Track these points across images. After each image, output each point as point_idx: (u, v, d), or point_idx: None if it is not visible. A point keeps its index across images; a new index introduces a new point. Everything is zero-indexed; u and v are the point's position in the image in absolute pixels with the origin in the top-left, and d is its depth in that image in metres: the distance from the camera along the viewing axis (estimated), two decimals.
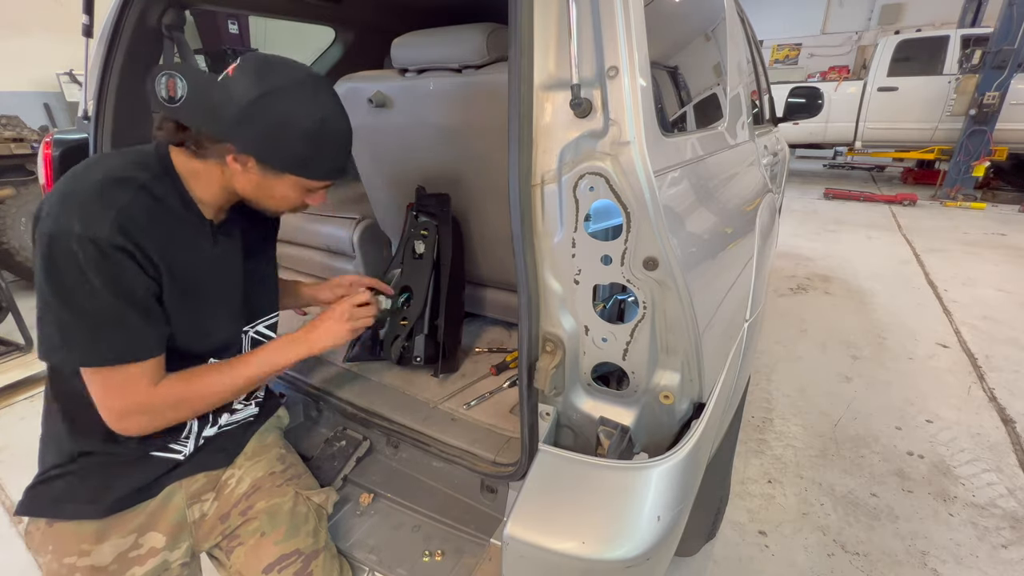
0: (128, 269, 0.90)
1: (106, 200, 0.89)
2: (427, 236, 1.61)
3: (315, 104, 0.96)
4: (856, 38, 13.04)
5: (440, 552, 1.23)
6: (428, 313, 1.59)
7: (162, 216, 0.96)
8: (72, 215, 0.86)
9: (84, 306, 0.87)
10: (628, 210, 0.84)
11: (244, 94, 0.91)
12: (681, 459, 0.93)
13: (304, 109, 0.95)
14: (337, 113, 1.01)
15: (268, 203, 1.08)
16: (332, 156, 1.03)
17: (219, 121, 0.93)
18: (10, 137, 4.30)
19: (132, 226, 0.90)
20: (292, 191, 1.05)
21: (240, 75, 0.93)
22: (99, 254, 0.86)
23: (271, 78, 0.92)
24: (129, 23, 1.75)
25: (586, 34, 0.84)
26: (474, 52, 1.34)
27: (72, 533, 1.04)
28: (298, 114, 0.94)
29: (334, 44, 2.87)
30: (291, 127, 0.94)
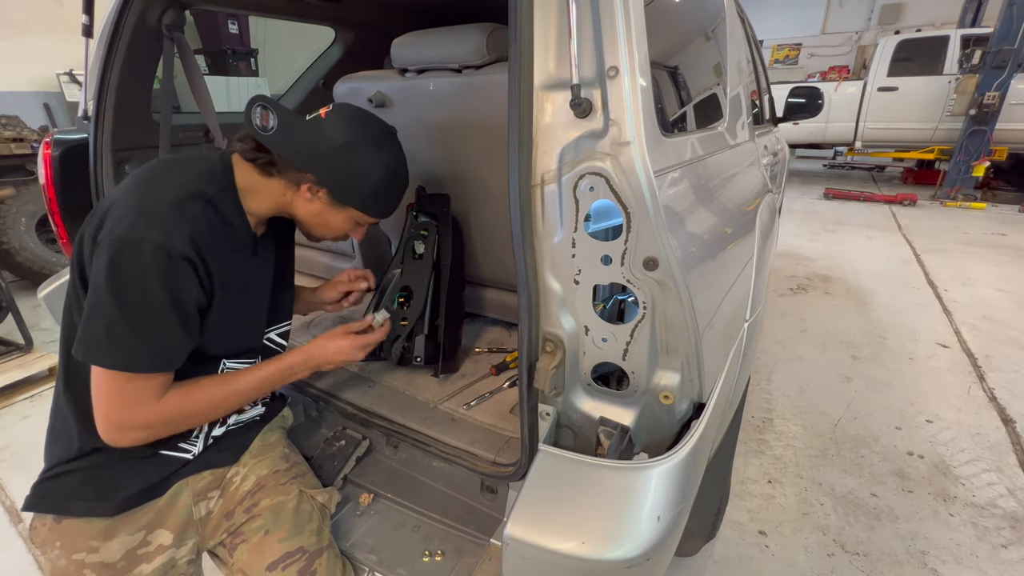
0: (189, 279, 0.96)
1: (183, 214, 0.95)
2: (427, 236, 1.61)
3: (390, 156, 1.15)
4: (856, 38, 13.04)
5: (440, 552, 1.23)
6: (428, 313, 1.59)
7: (223, 229, 1.04)
8: (152, 225, 0.91)
9: (138, 310, 0.91)
10: (628, 210, 0.84)
11: (336, 137, 1.06)
12: (681, 459, 0.93)
13: (381, 160, 1.12)
14: (403, 166, 1.20)
15: (319, 229, 1.21)
16: (392, 200, 1.21)
17: (306, 155, 1.05)
18: (10, 137, 4.31)
19: (201, 239, 0.96)
20: (346, 223, 1.20)
21: (335, 120, 1.07)
22: (169, 262, 0.91)
23: (361, 129, 1.09)
24: (129, 23, 1.75)
25: (586, 34, 0.83)
26: (474, 52, 1.34)
27: (81, 530, 1.04)
28: (376, 163, 1.12)
29: (334, 44, 2.87)
30: (369, 173, 1.11)
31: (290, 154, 1.05)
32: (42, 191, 1.81)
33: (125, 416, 0.98)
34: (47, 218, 3.67)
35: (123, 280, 0.90)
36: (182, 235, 0.93)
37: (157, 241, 0.90)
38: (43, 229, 4.27)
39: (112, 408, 0.97)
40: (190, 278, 0.96)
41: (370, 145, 1.10)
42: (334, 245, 2.11)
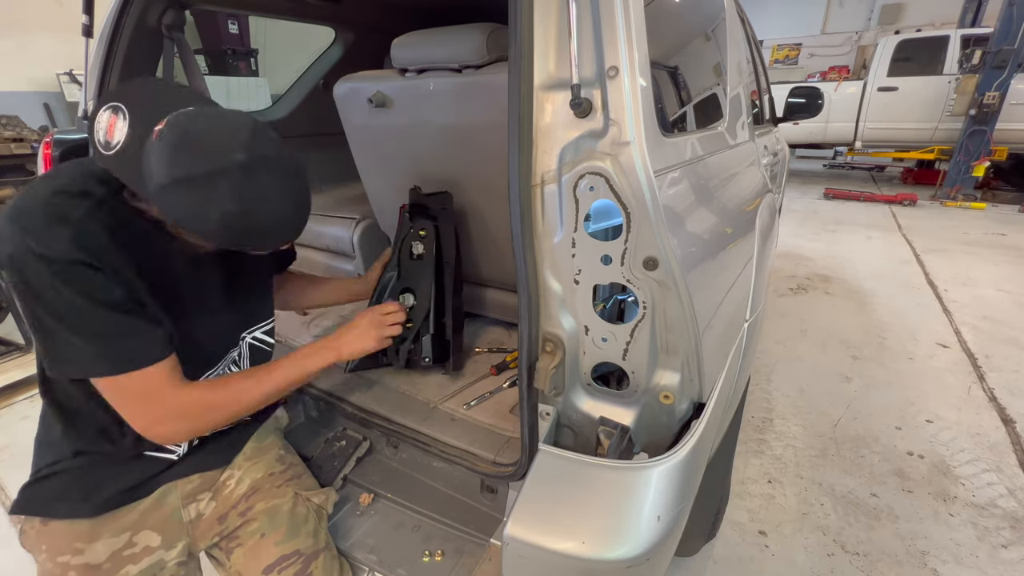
0: (96, 279, 0.85)
1: (60, 216, 0.83)
2: (425, 236, 1.60)
3: (233, 195, 0.81)
4: (856, 38, 13.04)
5: (440, 552, 1.23)
6: (433, 313, 1.57)
7: (126, 233, 0.90)
8: (27, 233, 0.81)
9: (73, 320, 0.84)
10: (628, 210, 0.84)
11: (157, 174, 0.79)
12: (681, 459, 0.93)
13: (219, 200, 0.81)
14: (264, 204, 0.85)
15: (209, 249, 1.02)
16: (260, 240, 0.92)
17: (142, 187, 0.83)
18: (10, 137, 4.31)
19: (91, 241, 0.85)
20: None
21: (158, 150, 0.80)
22: (64, 270, 0.82)
23: (184, 164, 0.79)
24: (129, 23, 1.75)
25: (586, 34, 0.83)
26: (474, 52, 1.34)
27: (65, 532, 1.04)
28: (213, 205, 0.81)
29: (334, 44, 2.87)
30: (206, 216, 0.82)
31: (129, 182, 0.85)
32: None
33: (147, 412, 0.95)
34: None
35: (39, 296, 0.82)
36: (62, 240, 0.81)
37: (37, 251, 0.80)
38: None
39: (129, 408, 0.95)
40: (97, 278, 0.85)
41: (201, 186, 0.79)
42: (334, 245, 2.11)
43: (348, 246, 2.05)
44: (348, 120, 1.70)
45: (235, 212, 0.82)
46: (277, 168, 0.87)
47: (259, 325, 1.28)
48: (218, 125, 0.83)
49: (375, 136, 1.69)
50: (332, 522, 1.30)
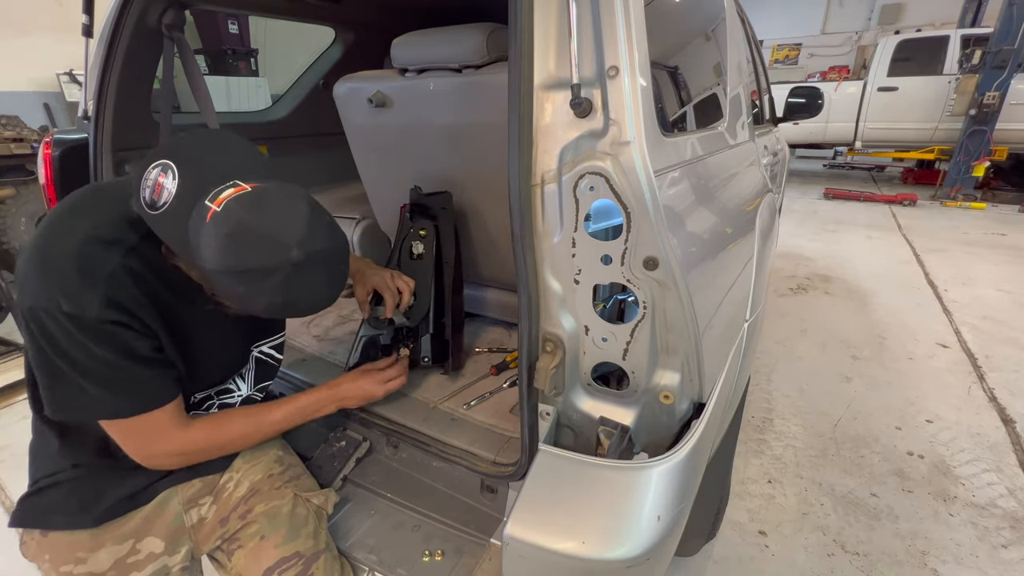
0: (125, 336, 0.87)
1: (91, 274, 0.84)
2: (425, 236, 1.60)
3: (283, 290, 0.83)
4: (856, 38, 13.04)
5: (440, 552, 1.22)
6: (433, 312, 1.57)
7: (152, 280, 0.92)
8: (55, 290, 0.81)
9: (91, 368, 0.86)
10: (628, 210, 0.83)
11: (209, 259, 0.79)
12: (681, 459, 0.93)
13: (269, 291, 0.83)
14: (310, 296, 0.90)
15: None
16: (293, 315, 0.96)
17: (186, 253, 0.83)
18: (10, 137, 4.30)
19: (122, 297, 0.86)
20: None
21: (212, 234, 0.79)
22: (94, 329, 0.83)
23: (239, 256, 0.79)
24: (129, 23, 1.75)
25: (586, 34, 0.83)
26: (474, 52, 1.34)
27: (66, 542, 1.03)
28: (262, 295, 0.83)
29: (334, 44, 2.87)
30: (251, 301, 0.84)
31: (175, 247, 0.84)
32: (42, 191, 1.81)
33: (149, 449, 0.97)
34: None
35: (59, 347, 0.83)
36: (94, 301, 0.82)
37: (68, 311, 0.81)
38: None
39: (130, 444, 0.96)
40: (125, 334, 0.87)
41: (253, 279, 0.81)
42: None
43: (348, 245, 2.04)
44: (348, 120, 1.70)
45: (280, 303, 0.85)
46: (328, 260, 0.88)
47: (270, 339, 1.29)
48: (274, 217, 0.82)
49: (375, 136, 1.69)
50: (332, 522, 1.30)
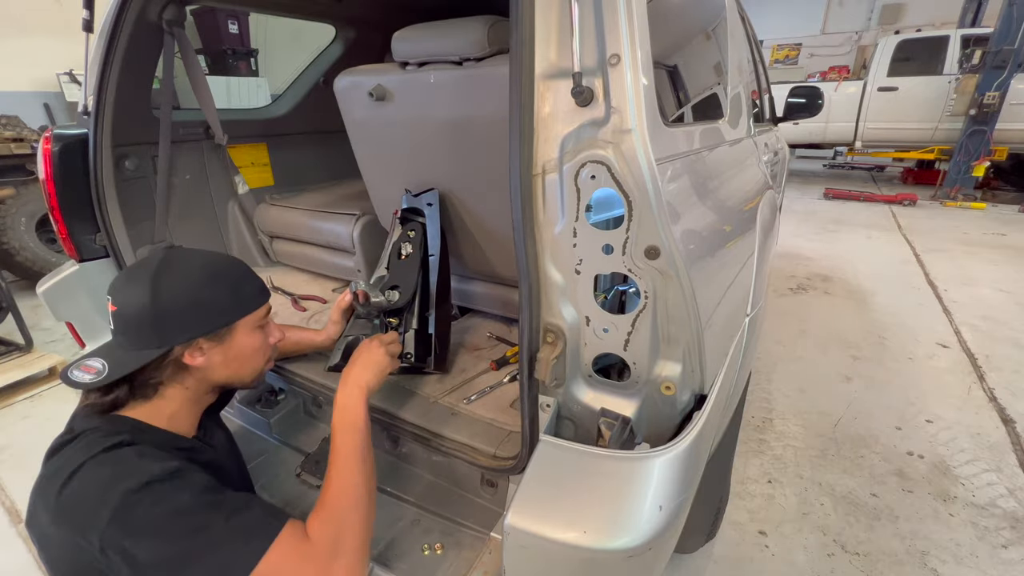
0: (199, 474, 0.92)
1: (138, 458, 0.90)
2: (414, 236, 1.60)
3: (188, 267, 1.04)
4: (856, 38, 13.06)
5: (440, 545, 1.22)
6: (417, 307, 1.55)
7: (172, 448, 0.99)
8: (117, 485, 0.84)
9: (202, 524, 0.85)
10: (630, 198, 0.83)
11: (142, 306, 0.97)
12: (683, 449, 0.93)
13: (185, 274, 1.03)
14: (209, 259, 1.09)
15: (245, 368, 1.14)
16: (244, 284, 1.12)
17: (147, 343, 0.98)
18: (10, 137, 4.31)
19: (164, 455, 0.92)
20: (252, 336, 1.12)
21: (124, 302, 1.00)
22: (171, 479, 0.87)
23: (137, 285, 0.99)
24: (129, 18, 1.75)
25: (588, 22, 0.83)
26: (475, 44, 1.33)
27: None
28: (188, 279, 1.03)
29: (334, 42, 2.87)
30: (194, 290, 1.02)
31: (136, 362, 0.98)
32: (42, 187, 1.80)
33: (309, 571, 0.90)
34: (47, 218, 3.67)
35: (167, 525, 0.83)
36: (152, 465, 0.88)
37: (137, 484, 0.84)
38: (43, 229, 4.27)
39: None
40: (198, 474, 0.92)
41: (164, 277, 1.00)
42: (334, 241, 2.10)
43: (348, 242, 2.04)
44: (348, 114, 1.69)
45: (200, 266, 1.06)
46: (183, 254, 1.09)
47: None
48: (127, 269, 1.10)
49: (375, 130, 1.68)
50: None
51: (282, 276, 2.40)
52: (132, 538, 0.81)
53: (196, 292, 1.02)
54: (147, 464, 0.88)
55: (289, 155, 2.74)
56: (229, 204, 2.46)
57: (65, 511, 0.85)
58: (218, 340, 1.05)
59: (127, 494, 0.82)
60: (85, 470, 0.87)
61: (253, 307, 1.11)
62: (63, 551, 0.87)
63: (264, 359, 1.19)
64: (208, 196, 2.39)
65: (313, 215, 2.19)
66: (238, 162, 2.45)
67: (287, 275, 2.42)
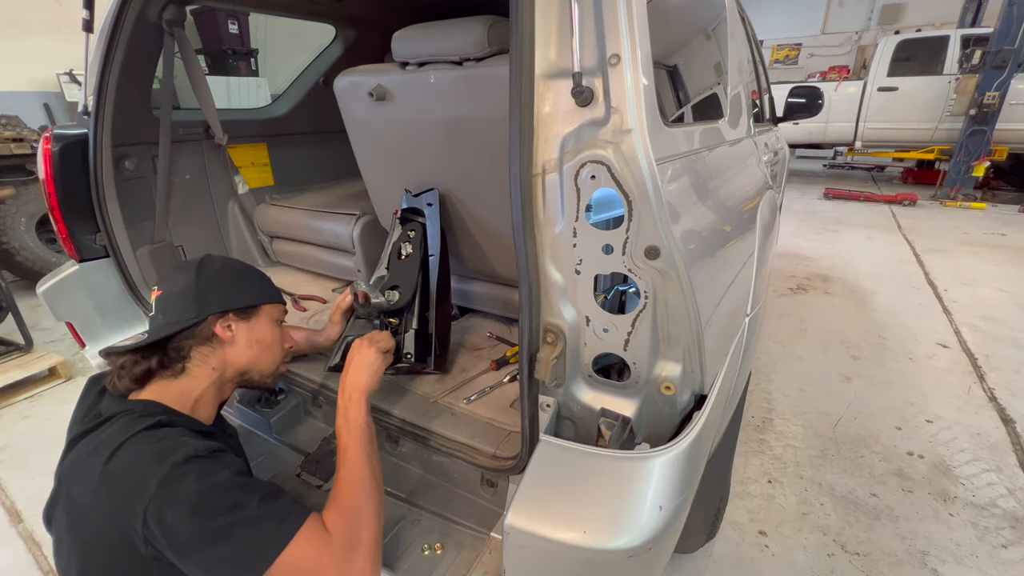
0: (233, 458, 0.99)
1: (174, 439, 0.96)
2: (413, 236, 1.59)
3: (228, 259, 1.27)
4: (856, 38, 13.06)
5: (440, 545, 1.22)
6: (417, 307, 1.55)
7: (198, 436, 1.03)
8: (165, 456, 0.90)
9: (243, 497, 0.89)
10: (630, 198, 0.83)
11: (188, 282, 1.15)
12: (684, 449, 0.93)
13: (225, 261, 1.26)
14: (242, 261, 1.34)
15: (265, 356, 1.25)
16: (269, 283, 1.32)
17: (185, 313, 1.12)
18: (10, 137, 4.31)
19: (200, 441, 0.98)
20: (271, 327, 1.27)
21: (171, 282, 1.17)
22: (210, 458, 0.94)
23: (188, 266, 1.19)
24: (129, 18, 1.75)
25: (588, 22, 0.83)
26: (475, 44, 1.33)
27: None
28: (228, 264, 1.25)
29: (334, 42, 2.87)
30: (234, 271, 1.24)
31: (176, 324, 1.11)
32: (42, 187, 1.80)
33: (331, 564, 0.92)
34: (47, 218, 3.67)
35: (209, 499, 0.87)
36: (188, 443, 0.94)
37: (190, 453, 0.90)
38: (43, 229, 4.27)
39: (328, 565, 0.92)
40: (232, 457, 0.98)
41: (211, 260, 1.22)
42: (334, 241, 2.11)
43: (348, 242, 2.04)
44: (348, 114, 1.69)
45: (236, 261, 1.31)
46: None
47: None
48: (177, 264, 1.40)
49: (375, 130, 1.68)
50: None
51: (282, 276, 2.40)
52: (175, 508, 0.85)
53: (235, 272, 1.24)
54: (190, 440, 0.95)
55: (289, 155, 2.74)
56: (229, 204, 2.46)
57: (110, 481, 0.89)
58: (245, 317, 1.20)
59: (175, 466, 0.88)
60: (130, 445, 0.92)
61: (276, 299, 1.29)
62: (98, 521, 0.91)
63: (280, 354, 1.30)
64: (208, 196, 2.39)
65: (313, 215, 2.19)
66: (238, 162, 2.45)
67: (287, 275, 2.42)
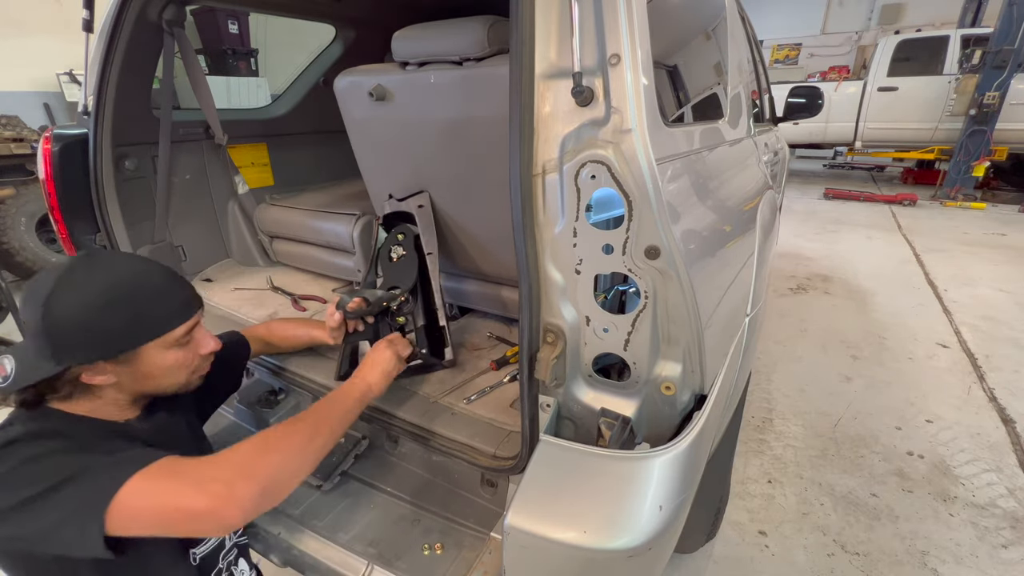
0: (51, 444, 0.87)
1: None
2: (404, 239, 1.59)
3: (88, 285, 0.91)
4: (856, 38, 13.05)
5: (440, 545, 1.22)
6: (423, 304, 1.55)
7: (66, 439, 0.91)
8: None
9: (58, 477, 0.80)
10: (630, 198, 0.83)
11: (33, 320, 0.88)
12: (684, 449, 0.93)
13: (82, 293, 0.90)
14: (116, 278, 0.95)
15: (164, 382, 1.03)
16: (153, 306, 0.98)
17: (44, 354, 0.88)
18: (10, 137, 4.31)
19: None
20: (165, 355, 1.00)
21: (23, 309, 0.90)
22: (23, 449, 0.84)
23: (38, 290, 0.88)
24: (129, 18, 1.75)
25: (588, 22, 0.83)
26: (475, 44, 1.33)
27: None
28: (84, 300, 0.90)
29: (334, 42, 2.87)
30: (87, 314, 0.89)
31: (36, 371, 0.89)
32: (42, 187, 1.80)
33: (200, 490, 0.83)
34: (47, 218, 3.67)
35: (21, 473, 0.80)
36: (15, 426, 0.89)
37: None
38: (43, 229, 4.27)
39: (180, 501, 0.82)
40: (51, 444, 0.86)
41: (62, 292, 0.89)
42: (334, 241, 2.10)
43: (348, 242, 2.04)
44: (348, 114, 1.69)
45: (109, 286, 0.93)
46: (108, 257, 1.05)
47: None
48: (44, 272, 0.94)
49: (375, 130, 1.68)
50: (332, 516, 1.30)
51: (282, 276, 2.39)
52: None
53: (88, 316, 0.90)
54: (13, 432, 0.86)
55: (289, 155, 2.74)
56: (229, 204, 2.46)
57: None
58: (122, 363, 0.95)
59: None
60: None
61: (163, 330, 0.98)
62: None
63: (188, 372, 1.07)
64: (208, 196, 2.39)
65: (313, 215, 2.19)
66: (238, 162, 2.45)
67: (287, 275, 2.41)
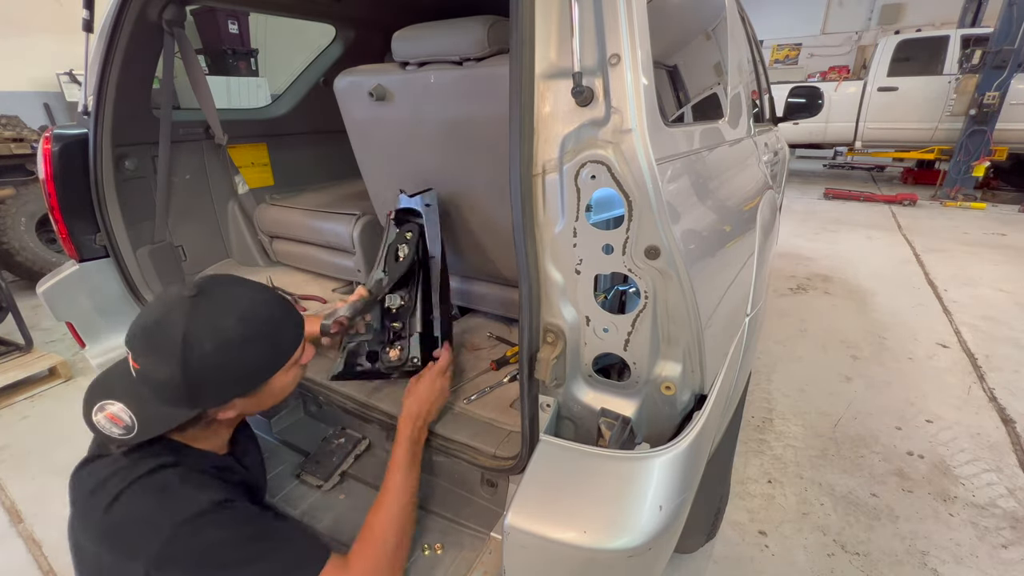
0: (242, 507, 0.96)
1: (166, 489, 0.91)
2: (410, 238, 1.57)
3: (220, 326, 0.92)
4: (856, 38, 13.06)
5: (440, 545, 1.22)
6: (420, 310, 1.52)
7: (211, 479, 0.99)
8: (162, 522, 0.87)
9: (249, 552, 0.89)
10: (630, 198, 0.83)
11: (171, 377, 0.88)
12: (684, 449, 0.93)
13: (218, 336, 0.91)
14: (245, 311, 0.96)
15: (274, 402, 1.09)
16: (283, 330, 1.03)
17: (178, 403, 0.91)
18: (10, 137, 4.31)
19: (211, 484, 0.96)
20: (288, 375, 1.06)
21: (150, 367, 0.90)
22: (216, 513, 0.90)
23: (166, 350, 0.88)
24: (129, 18, 1.75)
25: (588, 22, 0.83)
26: (475, 44, 1.33)
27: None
28: (222, 343, 0.91)
29: (334, 42, 2.87)
30: (230, 356, 0.92)
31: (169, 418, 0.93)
32: (42, 187, 1.80)
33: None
34: (47, 218, 3.67)
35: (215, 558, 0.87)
36: (194, 496, 0.91)
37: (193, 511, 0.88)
38: (43, 229, 4.27)
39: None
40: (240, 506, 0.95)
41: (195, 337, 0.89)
42: (334, 241, 2.11)
43: (348, 242, 2.04)
44: (348, 114, 1.69)
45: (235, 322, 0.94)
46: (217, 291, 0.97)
47: None
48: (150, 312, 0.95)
49: (375, 130, 1.68)
50: (332, 517, 1.30)
51: (282, 276, 2.39)
52: (181, 569, 0.85)
53: (227, 358, 0.92)
54: (192, 493, 0.90)
55: (289, 155, 2.74)
56: (229, 204, 2.46)
57: (111, 534, 0.87)
58: (252, 395, 1.01)
59: (177, 526, 0.85)
60: (131, 493, 0.88)
61: (292, 351, 1.04)
62: (101, 566, 0.91)
63: (296, 383, 1.13)
64: (208, 196, 2.39)
65: (313, 215, 2.19)
66: (238, 162, 2.45)
67: (287, 275, 2.42)
